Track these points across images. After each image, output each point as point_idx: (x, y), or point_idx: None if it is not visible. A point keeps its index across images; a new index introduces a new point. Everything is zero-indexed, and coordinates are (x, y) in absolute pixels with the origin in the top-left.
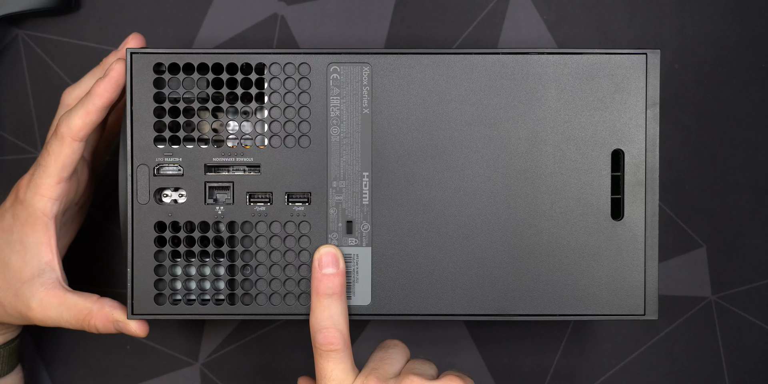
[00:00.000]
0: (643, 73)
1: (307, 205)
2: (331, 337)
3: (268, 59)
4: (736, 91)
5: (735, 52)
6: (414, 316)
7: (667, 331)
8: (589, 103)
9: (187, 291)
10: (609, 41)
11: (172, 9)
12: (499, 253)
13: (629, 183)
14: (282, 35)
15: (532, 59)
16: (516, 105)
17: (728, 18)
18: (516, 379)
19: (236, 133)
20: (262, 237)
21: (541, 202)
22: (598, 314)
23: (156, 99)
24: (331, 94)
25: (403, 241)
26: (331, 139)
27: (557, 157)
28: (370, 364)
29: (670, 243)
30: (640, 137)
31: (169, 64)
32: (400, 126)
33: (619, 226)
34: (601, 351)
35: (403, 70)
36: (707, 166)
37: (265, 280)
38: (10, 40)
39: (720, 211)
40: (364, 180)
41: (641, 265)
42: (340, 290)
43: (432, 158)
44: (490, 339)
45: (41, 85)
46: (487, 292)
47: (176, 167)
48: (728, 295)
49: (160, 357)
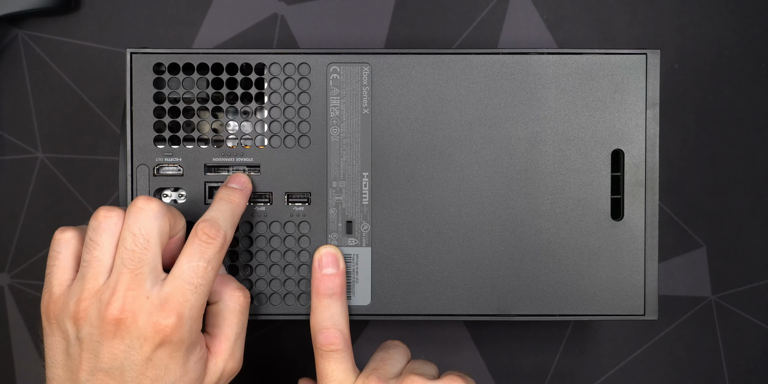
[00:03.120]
0: (643, 73)
1: (307, 205)
2: (331, 338)
3: (268, 59)
4: (736, 91)
5: (735, 52)
6: (414, 316)
7: (667, 331)
8: (589, 103)
9: None
10: (609, 41)
11: (172, 9)
12: (499, 253)
13: (629, 183)
14: (282, 35)
15: (532, 59)
16: (516, 105)
17: (728, 18)
18: (516, 379)
19: (236, 133)
20: (261, 237)
21: (541, 202)
22: (598, 314)
23: (156, 99)
24: (331, 94)
25: (403, 241)
26: (330, 139)
27: (557, 157)
28: (371, 364)
29: (670, 243)
30: (640, 137)
31: (169, 64)
32: (399, 126)
33: (619, 227)
34: (601, 351)
35: (403, 70)
36: (707, 166)
37: (264, 280)
38: (10, 40)
39: (720, 211)
40: (364, 180)
41: (641, 265)
42: (340, 290)
43: (432, 158)
44: (490, 339)
45: (41, 85)
46: (487, 292)
47: (176, 167)
48: (728, 295)
49: None
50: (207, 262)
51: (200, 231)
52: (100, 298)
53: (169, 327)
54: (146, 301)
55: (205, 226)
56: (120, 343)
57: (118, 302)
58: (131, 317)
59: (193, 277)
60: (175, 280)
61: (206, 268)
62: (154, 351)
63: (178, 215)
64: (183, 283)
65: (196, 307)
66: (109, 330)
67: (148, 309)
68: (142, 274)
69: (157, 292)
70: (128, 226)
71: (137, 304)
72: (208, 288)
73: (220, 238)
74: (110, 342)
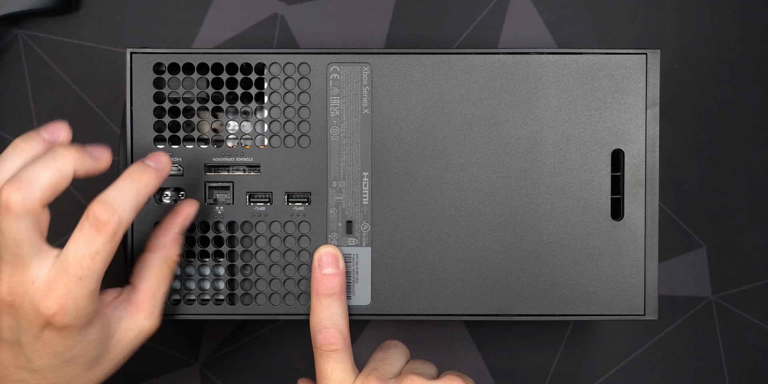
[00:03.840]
0: (643, 73)
1: (307, 205)
2: (331, 337)
3: (268, 59)
4: (736, 91)
5: (735, 52)
6: (414, 316)
7: (667, 331)
8: (589, 103)
9: (187, 291)
10: (609, 41)
11: (172, 9)
12: (499, 253)
13: (629, 183)
14: (282, 35)
15: (532, 59)
16: (516, 105)
17: (728, 18)
18: (516, 379)
19: (236, 133)
20: (261, 237)
21: (541, 202)
22: (598, 314)
23: (156, 99)
24: (331, 94)
25: (403, 241)
26: (330, 139)
27: (557, 157)
28: (371, 364)
29: (670, 243)
30: (640, 137)
31: (169, 64)
32: (399, 126)
33: (619, 226)
34: (601, 351)
35: (403, 70)
36: (707, 166)
37: (264, 280)
38: (10, 40)
39: (720, 211)
40: (364, 180)
41: (641, 265)
42: (340, 290)
43: (432, 158)
44: (490, 339)
45: (41, 85)
46: (487, 292)
47: (176, 167)
48: (728, 295)
49: (160, 357)
50: (94, 253)
51: (91, 214)
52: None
53: (52, 316)
54: (31, 286)
55: (97, 209)
56: (13, 321)
57: (4, 286)
58: (18, 300)
59: (78, 269)
60: (60, 270)
61: (93, 258)
62: (41, 332)
63: (61, 173)
64: (66, 274)
65: (82, 298)
66: (3, 307)
67: (32, 294)
68: (23, 259)
69: (43, 275)
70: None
71: (21, 289)
72: (98, 276)
73: (113, 224)
74: (5, 317)
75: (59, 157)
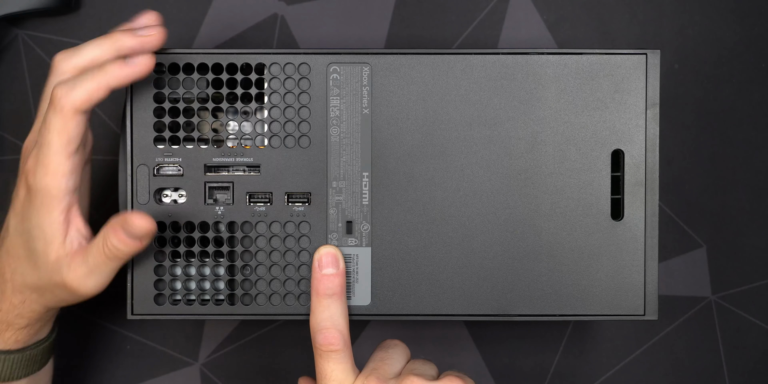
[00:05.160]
0: (643, 74)
1: (307, 205)
2: (331, 338)
3: (267, 59)
4: (736, 91)
5: (735, 52)
6: (414, 316)
7: (667, 331)
8: (589, 104)
9: (187, 291)
10: (609, 41)
11: (172, 9)
12: (499, 253)
13: (629, 183)
14: (282, 35)
15: (532, 59)
16: (516, 105)
17: (728, 18)
18: (516, 379)
19: (236, 133)
20: (261, 237)
21: (541, 202)
22: (598, 314)
23: (156, 99)
24: (331, 94)
25: (403, 241)
26: (330, 139)
27: (557, 158)
28: (371, 364)
29: (670, 243)
30: (640, 137)
31: (169, 65)
32: (399, 126)
33: (619, 227)
34: (601, 351)
35: (402, 70)
36: (707, 166)
37: (264, 280)
38: (10, 40)
39: (720, 211)
40: (364, 180)
41: (641, 265)
42: (340, 290)
43: (432, 158)
44: (490, 339)
45: (41, 85)
46: (487, 292)
47: (176, 167)
48: (728, 295)
49: (160, 357)
50: (60, 129)
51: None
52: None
53: (30, 170)
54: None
55: (56, 92)
56: (24, 192)
57: (31, 160)
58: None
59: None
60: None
61: (60, 134)
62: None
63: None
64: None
65: (59, 164)
66: (23, 179)
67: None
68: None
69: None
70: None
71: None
72: (65, 147)
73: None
74: (22, 189)
75: (101, 74)
